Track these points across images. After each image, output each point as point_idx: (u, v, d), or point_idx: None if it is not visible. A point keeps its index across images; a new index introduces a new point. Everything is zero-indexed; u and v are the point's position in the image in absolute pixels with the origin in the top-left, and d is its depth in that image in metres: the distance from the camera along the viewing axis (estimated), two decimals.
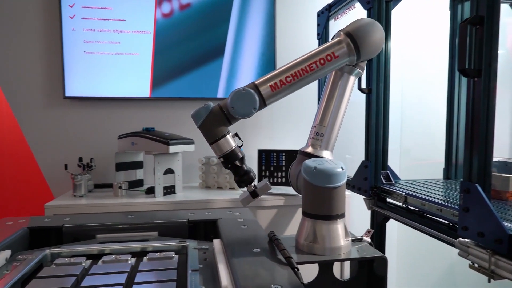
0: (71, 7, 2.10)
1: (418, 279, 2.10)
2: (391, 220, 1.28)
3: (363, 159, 1.31)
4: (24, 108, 2.16)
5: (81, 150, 2.18)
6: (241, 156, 0.97)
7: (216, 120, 0.93)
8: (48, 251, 0.97)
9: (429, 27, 1.97)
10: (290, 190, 1.96)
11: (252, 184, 1.00)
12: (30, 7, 2.12)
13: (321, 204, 0.83)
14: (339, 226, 0.85)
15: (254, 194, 1.00)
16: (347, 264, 1.06)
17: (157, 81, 2.22)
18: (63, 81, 2.11)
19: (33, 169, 2.39)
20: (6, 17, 2.11)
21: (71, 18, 2.11)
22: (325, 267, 0.90)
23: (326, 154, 1.03)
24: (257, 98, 0.92)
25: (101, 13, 2.14)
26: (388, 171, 1.30)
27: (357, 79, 1.07)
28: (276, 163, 2.14)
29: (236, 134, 0.99)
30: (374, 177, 1.27)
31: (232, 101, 0.91)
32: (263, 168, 2.19)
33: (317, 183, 0.82)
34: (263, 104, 0.95)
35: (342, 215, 0.86)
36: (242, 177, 0.98)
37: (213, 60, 2.27)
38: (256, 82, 0.95)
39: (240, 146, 0.97)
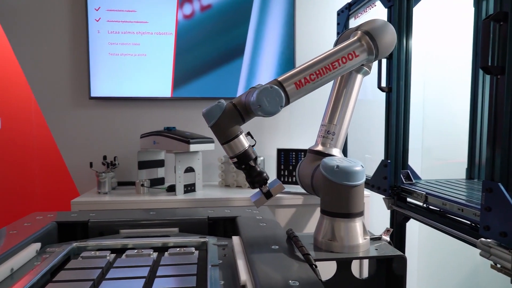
0: (96, 10, 2.17)
1: (439, 280, 2.06)
2: (412, 220, 1.27)
3: (383, 158, 1.30)
4: (52, 108, 2.24)
5: (105, 148, 2.24)
6: (254, 156, 0.94)
7: (230, 119, 0.90)
8: (75, 244, 1.01)
9: (452, 25, 1.93)
10: None
11: (267, 185, 0.97)
12: (57, 12, 2.20)
13: (340, 202, 0.84)
14: (357, 224, 0.85)
15: (268, 194, 0.97)
16: (365, 263, 1.06)
17: (178, 81, 2.26)
18: (88, 82, 2.18)
19: (60, 167, 2.47)
20: (35, 22, 2.19)
21: (97, 21, 2.17)
22: (343, 265, 0.90)
23: (336, 152, 1.03)
24: (283, 95, 0.89)
25: (125, 15, 2.20)
26: (408, 171, 1.29)
27: (364, 77, 1.07)
28: (295, 162, 2.14)
29: (248, 133, 0.96)
30: (394, 176, 1.26)
31: (258, 99, 0.86)
32: (282, 167, 2.20)
33: (339, 181, 0.82)
34: (287, 101, 0.93)
35: (361, 213, 0.86)
36: (255, 178, 0.95)
37: (233, 60, 2.30)
38: (279, 79, 0.92)
39: (253, 146, 0.95)
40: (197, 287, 0.76)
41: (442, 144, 1.98)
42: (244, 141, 0.92)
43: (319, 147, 1.04)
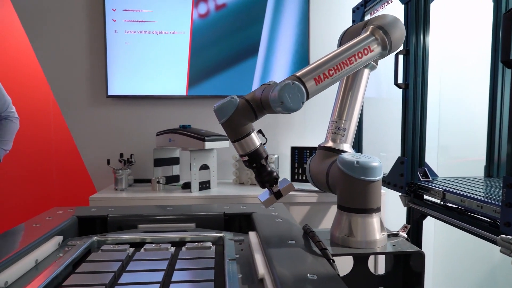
0: (114, 10, 2.21)
1: (455, 280, 2.03)
2: (427, 219, 1.26)
3: (398, 156, 1.29)
4: (71, 107, 2.29)
5: (121, 146, 2.28)
6: (265, 155, 0.92)
7: (243, 116, 0.87)
8: (95, 238, 1.03)
9: (468, 21, 1.90)
10: None
11: (277, 184, 0.94)
12: (76, 13, 2.24)
13: (358, 197, 0.84)
14: (375, 219, 0.85)
15: (278, 194, 0.94)
16: (381, 259, 1.05)
17: (193, 79, 2.29)
18: (106, 81, 2.22)
19: (78, 164, 2.52)
20: (55, 22, 2.24)
21: (114, 21, 2.21)
22: (360, 260, 0.90)
23: (347, 147, 1.01)
24: (305, 91, 0.85)
25: (141, 15, 2.23)
26: (425, 168, 1.28)
27: (371, 72, 1.05)
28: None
29: (260, 131, 0.93)
30: (410, 173, 1.25)
31: (280, 95, 0.81)
32: (296, 165, 2.21)
33: (358, 176, 0.83)
34: (307, 97, 0.89)
35: (378, 209, 0.86)
36: (266, 177, 0.92)
37: (248, 58, 2.31)
38: (298, 75, 0.88)
39: (264, 144, 0.92)
40: (216, 280, 0.77)
41: (458, 142, 1.96)
42: (256, 139, 0.90)
43: (330, 143, 1.02)
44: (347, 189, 0.85)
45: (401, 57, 1.23)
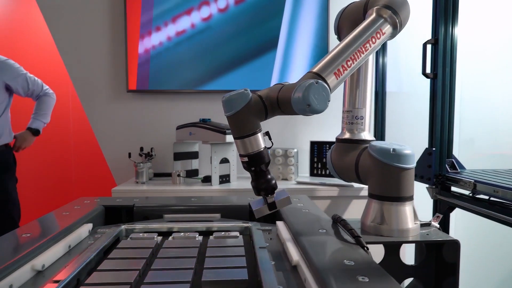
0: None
1: (480, 278, 2.00)
2: (451, 216, 1.24)
3: (426, 147, 1.27)
4: (92, 101, 2.32)
5: (141, 140, 2.30)
6: (268, 160, 0.82)
7: (253, 113, 0.79)
8: (123, 226, 1.04)
9: (490, 11, 1.86)
10: (343, 181, 1.94)
11: (274, 195, 0.84)
12: (97, 8, 2.27)
13: (392, 185, 0.83)
14: (408, 208, 0.84)
15: (271, 206, 0.84)
16: (410, 250, 1.03)
17: (212, 74, 2.29)
18: (126, 76, 2.24)
19: (98, 158, 2.56)
20: (77, 18, 2.27)
21: (135, 15, 2.23)
22: (392, 249, 0.89)
23: (367, 135, 0.97)
24: (328, 89, 0.78)
25: (161, 10, 2.24)
26: (453, 160, 1.26)
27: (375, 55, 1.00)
28: None
29: (267, 133, 0.84)
30: (439, 165, 1.23)
31: (306, 97, 0.74)
32: (315, 159, 2.19)
33: (394, 163, 0.81)
34: None
35: (411, 198, 0.85)
36: (263, 184, 0.82)
37: (267, 52, 2.30)
38: (316, 71, 0.81)
39: (268, 148, 0.83)
40: (248, 267, 0.77)
41: (481, 135, 1.91)
42: (261, 141, 0.81)
43: (350, 135, 0.97)
44: (380, 177, 0.84)
45: (429, 47, 1.21)
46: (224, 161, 1.95)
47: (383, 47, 2.06)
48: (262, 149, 0.81)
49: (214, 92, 2.30)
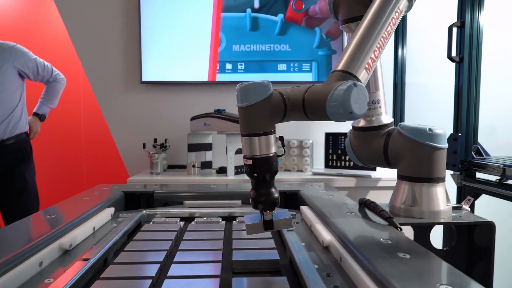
0: None
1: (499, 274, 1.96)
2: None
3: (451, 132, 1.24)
4: (105, 93, 2.31)
5: (155, 132, 2.28)
6: (275, 169, 0.69)
7: (271, 110, 0.67)
8: (144, 211, 1.03)
9: None
10: (360, 172, 1.92)
11: (273, 212, 0.69)
12: (111, 0, 2.27)
13: (425, 165, 0.80)
14: (439, 189, 0.82)
15: (268, 225, 0.69)
16: (437, 234, 1.00)
17: (226, 65, 2.28)
18: (140, 67, 2.23)
19: (111, 149, 2.55)
20: (90, 8, 2.26)
21: (148, 7, 2.22)
22: (422, 232, 0.87)
23: (386, 118, 0.92)
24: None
25: (176, 1, 2.23)
26: (478, 146, 1.23)
27: None
28: (344, 147, 2.10)
29: (281, 139, 0.71)
30: (464, 151, 1.20)
31: (347, 104, 0.63)
32: (330, 151, 2.16)
33: (429, 142, 0.79)
34: None
35: (443, 179, 0.82)
36: (262, 197, 0.68)
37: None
38: (346, 69, 0.71)
39: (279, 156, 0.70)
40: (278, 249, 0.75)
41: (504, 123, 1.87)
42: (273, 145, 0.68)
43: (368, 122, 0.91)
44: (413, 157, 0.81)
45: (454, 30, 1.18)
46: (240, 151, 1.94)
47: (403, 37, 2.03)
48: (271, 154, 0.67)
49: (228, 83, 2.29)
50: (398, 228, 0.73)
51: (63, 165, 3.22)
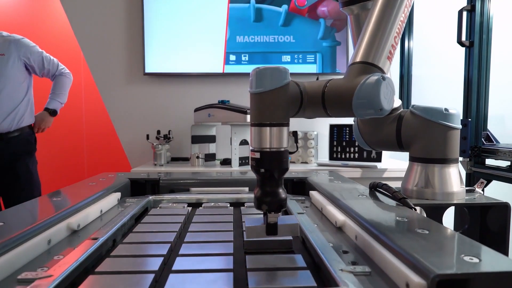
0: None
1: None
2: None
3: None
4: (108, 85, 2.30)
5: (158, 124, 2.27)
6: (286, 166, 0.61)
7: (287, 99, 0.60)
8: (151, 197, 1.02)
9: None
10: (365, 163, 1.90)
11: (278, 214, 0.61)
12: None
13: (439, 145, 0.79)
14: (453, 170, 0.80)
15: (272, 229, 0.61)
16: (448, 217, 0.98)
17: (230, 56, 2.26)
18: (143, 59, 2.21)
19: (113, 141, 2.54)
20: (93, 2, 2.24)
21: None
22: (435, 213, 0.85)
23: (397, 101, 0.91)
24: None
25: None
26: (487, 132, 1.21)
27: None
28: (349, 138, 2.08)
29: (295, 134, 0.69)
30: (474, 137, 1.19)
31: (378, 101, 0.59)
32: (335, 143, 2.15)
33: (445, 122, 0.77)
34: None
35: (457, 160, 0.81)
36: (268, 197, 0.60)
37: None
38: (368, 60, 0.66)
39: (290, 153, 0.69)
40: None
41: (510, 112, 1.84)
42: (285, 139, 0.60)
43: None
44: (427, 137, 0.80)
45: (465, 14, 1.17)
46: (244, 142, 1.92)
47: (410, 30, 2.01)
48: (282, 149, 0.59)
49: (232, 75, 2.27)
50: (413, 209, 0.72)
51: (64, 157, 3.21)
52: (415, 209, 0.72)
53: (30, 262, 0.54)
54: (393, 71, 1.83)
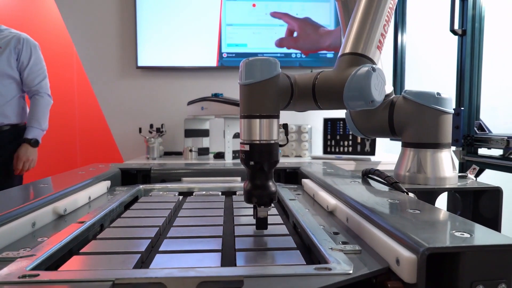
0: None
1: None
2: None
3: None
4: (100, 78, 2.27)
5: (151, 118, 2.25)
6: (276, 159, 0.60)
7: (277, 91, 0.59)
8: (141, 186, 1.00)
9: None
10: (359, 156, 1.90)
11: (268, 208, 0.60)
12: None
13: (430, 130, 0.78)
14: (445, 155, 0.80)
15: (262, 223, 0.61)
16: (443, 202, 0.98)
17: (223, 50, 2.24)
18: (136, 52, 2.19)
19: (105, 135, 2.51)
20: None
21: None
22: (428, 198, 0.85)
23: (389, 87, 0.87)
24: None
25: None
26: (480, 122, 1.21)
27: None
28: (343, 132, 2.08)
29: (285, 127, 0.64)
30: (467, 126, 1.18)
31: (369, 92, 0.57)
32: (329, 137, 2.14)
33: (437, 106, 0.77)
34: None
35: (449, 145, 0.80)
36: (258, 190, 0.59)
37: None
38: (357, 51, 0.64)
39: (281, 146, 0.62)
40: (282, 216, 0.73)
41: (504, 102, 1.84)
42: (275, 131, 0.59)
43: None
44: (419, 122, 0.79)
45: (457, 2, 1.16)
46: (237, 136, 1.91)
47: (402, 23, 2.00)
48: (272, 141, 0.58)
49: (226, 68, 2.26)
50: (405, 192, 0.71)
51: (57, 151, 3.18)
52: (407, 194, 0.71)
53: (12, 244, 0.52)
54: (386, 61, 1.82)
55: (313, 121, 2.30)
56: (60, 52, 2.90)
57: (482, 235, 0.44)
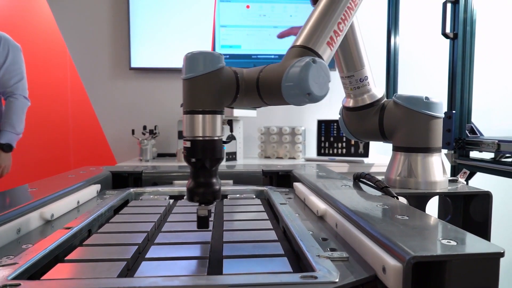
0: None
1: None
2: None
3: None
4: (92, 79, 2.26)
5: (144, 120, 2.24)
6: (219, 156, 0.59)
7: (221, 86, 0.57)
8: (132, 190, 1.00)
9: None
10: (352, 158, 1.90)
11: (211, 207, 0.60)
12: None
13: (421, 135, 0.78)
14: (436, 159, 0.80)
15: (203, 222, 0.59)
16: (433, 206, 0.98)
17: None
18: (129, 53, 2.18)
19: (99, 137, 2.50)
20: None
21: None
22: (419, 203, 0.85)
23: (379, 91, 0.88)
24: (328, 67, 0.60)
25: None
26: (472, 125, 1.22)
27: None
28: (336, 134, 2.08)
29: (229, 123, 0.64)
30: (459, 129, 1.19)
31: (304, 84, 0.55)
32: (323, 139, 2.15)
33: (426, 111, 0.77)
34: None
35: (439, 149, 0.80)
36: (200, 188, 0.58)
37: None
38: (305, 44, 0.62)
39: (224, 142, 0.61)
40: (271, 220, 0.73)
41: (496, 106, 1.86)
42: (219, 127, 0.58)
43: (358, 101, 0.87)
44: (409, 127, 0.79)
45: (449, 5, 1.17)
46: (231, 137, 1.91)
47: (395, 26, 2.01)
48: (216, 138, 0.57)
49: None
50: (395, 197, 0.71)
51: (49, 152, 3.15)
52: (397, 198, 0.71)
53: None
54: (379, 64, 1.82)
55: (307, 122, 2.30)
56: (53, 54, 2.88)
57: (469, 243, 0.44)
